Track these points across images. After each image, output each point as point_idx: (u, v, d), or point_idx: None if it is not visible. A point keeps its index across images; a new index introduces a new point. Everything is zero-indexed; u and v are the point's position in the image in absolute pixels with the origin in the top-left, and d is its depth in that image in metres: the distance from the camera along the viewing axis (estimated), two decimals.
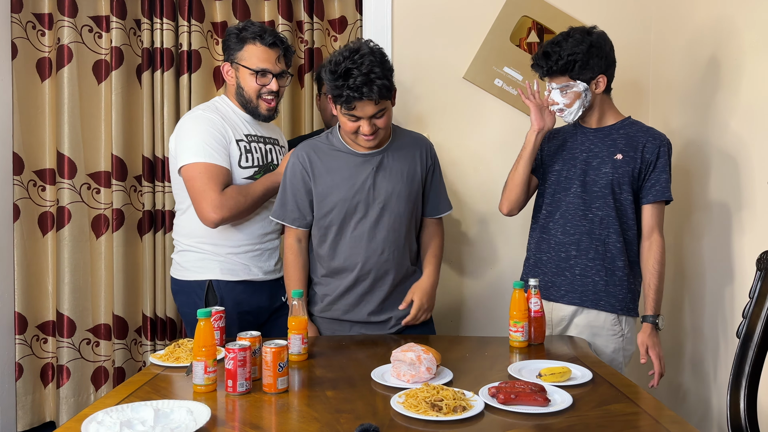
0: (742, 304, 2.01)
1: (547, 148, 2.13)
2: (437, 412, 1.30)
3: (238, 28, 2.07)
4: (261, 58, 2.04)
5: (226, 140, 2.02)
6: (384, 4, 2.66)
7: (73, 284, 2.69)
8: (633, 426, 1.30)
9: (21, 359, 2.69)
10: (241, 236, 2.09)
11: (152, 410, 1.28)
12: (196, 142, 1.99)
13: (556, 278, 2.05)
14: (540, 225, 2.11)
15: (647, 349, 1.95)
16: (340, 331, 2.04)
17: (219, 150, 2.00)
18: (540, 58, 1.98)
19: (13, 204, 2.66)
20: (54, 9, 2.68)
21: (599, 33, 1.98)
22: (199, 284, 2.07)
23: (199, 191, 1.97)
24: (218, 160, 1.99)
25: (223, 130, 2.02)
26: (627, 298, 2.00)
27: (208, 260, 2.07)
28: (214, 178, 1.97)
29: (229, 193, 1.98)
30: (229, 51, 2.08)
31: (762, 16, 1.93)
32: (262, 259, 2.14)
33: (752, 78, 1.98)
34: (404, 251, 2.01)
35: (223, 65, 2.11)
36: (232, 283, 2.07)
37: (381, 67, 1.79)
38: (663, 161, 1.97)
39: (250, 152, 2.08)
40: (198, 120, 2.03)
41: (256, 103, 2.08)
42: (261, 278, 2.13)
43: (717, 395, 2.16)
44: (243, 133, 2.09)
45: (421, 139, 2.09)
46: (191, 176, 1.98)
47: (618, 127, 2.03)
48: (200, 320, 1.48)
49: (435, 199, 2.08)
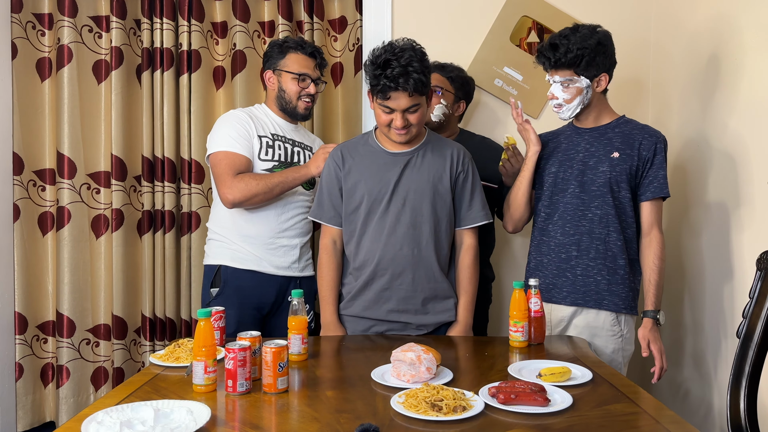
0: (741, 302, 2.01)
1: (543, 152, 2.12)
2: (437, 412, 1.30)
3: (280, 41, 2.32)
4: (302, 65, 2.27)
5: (249, 133, 2.22)
6: (384, 4, 2.66)
7: (72, 284, 2.68)
8: (633, 426, 1.30)
9: (21, 359, 2.69)
10: (257, 228, 2.22)
11: (152, 410, 1.28)
12: (220, 135, 2.21)
13: (557, 279, 2.05)
14: (539, 228, 2.12)
15: (648, 344, 1.95)
16: (362, 328, 2.05)
17: (240, 141, 2.19)
18: (547, 50, 1.97)
19: (14, 204, 2.66)
20: (54, 9, 2.68)
21: (605, 32, 1.99)
22: (212, 269, 2.27)
23: (217, 175, 2.19)
24: (238, 149, 2.18)
25: (246, 125, 2.22)
26: (629, 296, 2.00)
27: (223, 247, 2.25)
28: (232, 164, 2.16)
29: (242, 177, 2.15)
30: (272, 60, 2.29)
31: (762, 15, 1.93)
32: (277, 254, 2.24)
33: (752, 77, 1.98)
34: (427, 253, 1.99)
35: (265, 73, 2.31)
36: (239, 270, 2.22)
37: (420, 63, 1.87)
38: (660, 158, 1.98)
39: (271, 148, 2.25)
40: (226, 117, 2.27)
41: (295, 104, 2.28)
42: (270, 272, 2.23)
43: (718, 393, 2.16)
44: (269, 132, 2.27)
45: (455, 146, 2.08)
46: (214, 163, 2.21)
47: (613, 125, 2.04)
48: (200, 320, 1.48)
49: (464, 208, 2.05)
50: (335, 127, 2.77)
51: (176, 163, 2.70)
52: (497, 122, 2.68)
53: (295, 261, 2.28)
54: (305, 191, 2.31)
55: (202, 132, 2.65)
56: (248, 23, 2.71)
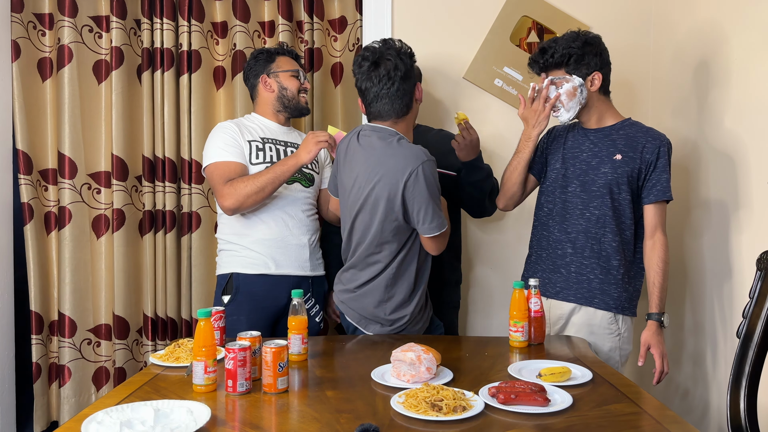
0: (740, 302, 2.02)
1: (551, 147, 2.15)
2: (437, 412, 1.30)
3: (262, 50, 2.38)
4: (292, 64, 2.37)
5: (238, 140, 2.24)
6: (384, 4, 2.66)
7: (73, 284, 2.69)
8: (633, 426, 1.30)
9: (39, 359, 2.68)
10: (266, 229, 2.23)
11: (152, 410, 1.28)
12: (210, 148, 2.26)
13: (552, 275, 2.07)
14: (541, 222, 2.14)
15: (648, 348, 1.95)
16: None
17: (228, 148, 2.22)
18: (537, 54, 2.05)
19: (27, 204, 2.64)
20: (54, 9, 2.68)
21: (594, 34, 2.03)
22: (224, 277, 2.28)
23: (213, 188, 2.23)
24: (227, 156, 2.21)
25: (233, 133, 2.25)
26: (622, 297, 2.01)
27: (234, 255, 2.26)
28: (223, 173, 2.19)
29: (231, 182, 2.16)
30: (261, 68, 2.34)
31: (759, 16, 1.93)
32: (288, 253, 2.25)
33: (750, 78, 1.98)
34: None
35: (259, 80, 2.33)
36: (250, 276, 2.23)
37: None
38: (663, 161, 1.98)
39: (261, 151, 2.26)
40: (214, 131, 2.31)
41: (298, 99, 2.34)
42: (282, 273, 2.24)
43: (717, 393, 2.16)
44: (259, 136, 2.29)
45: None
46: (208, 177, 2.25)
47: (618, 127, 2.04)
48: (200, 320, 1.48)
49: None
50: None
51: (177, 163, 2.70)
52: (497, 122, 2.67)
53: (306, 260, 2.28)
54: (305, 188, 2.31)
55: (202, 132, 2.65)
56: (248, 23, 2.71)
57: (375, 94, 1.95)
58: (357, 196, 1.95)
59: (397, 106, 1.95)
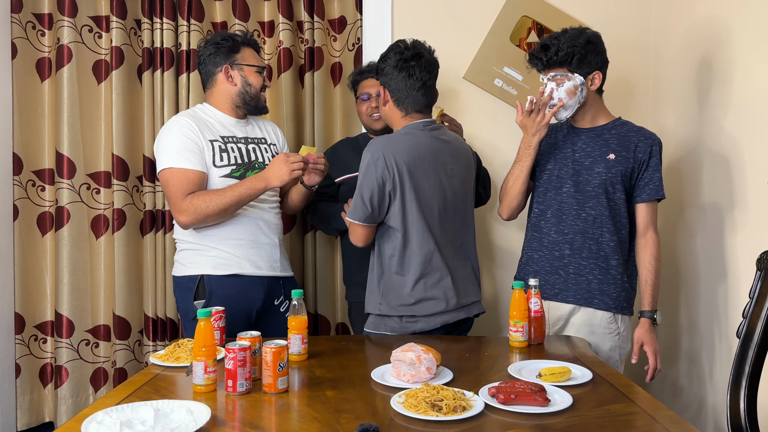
0: (736, 301, 2.02)
1: (541, 146, 2.12)
2: (437, 412, 1.30)
3: (224, 37, 2.17)
4: (257, 59, 2.22)
5: (199, 142, 2.08)
6: (384, 4, 2.66)
7: (72, 285, 2.68)
8: (633, 426, 1.30)
9: (19, 359, 2.69)
10: (231, 230, 2.11)
11: (152, 410, 1.28)
12: (167, 148, 2.07)
13: (550, 277, 2.06)
14: (532, 224, 2.13)
15: (642, 346, 1.96)
16: None
17: (187, 154, 2.05)
18: (539, 51, 2.01)
19: (13, 204, 2.66)
20: (54, 9, 2.67)
21: (595, 32, 2.02)
22: (192, 279, 2.11)
23: (168, 196, 2.08)
24: (186, 164, 2.05)
25: (193, 134, 2.08)
26: (621, 296, 2.01)
27: (201, 254, 2.12)
28: (181, 184, 2.04)
29: (191, 197, 2.02)
30: (223, 56, 2.15)
31: (757, 17, 1.94)
32: (260, 253, 2.15)
33: (746, 79, 1.99)
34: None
35: (224, 69, 2.16)
36: (222, 277, 2.10)
37: None
38: (655, 160, 1.99)
39: (225, 152, 2.12)
40: (171, 126, 2.12)
41: (259, 97, 2.20)
42: (255, 273, 2.14)
43: (712, 392, 2.17)
44: (219, 135, 2.14)
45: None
46: (164, 182, 2.09)
47: (610, 127, 2.04)
48: (200, 320, 1.48)
49: None
50: (334, 126, 2.77)
51: None
52: (497, 122, 2.67)
53: (277, 260, 2.20)
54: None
55: None
56: (248, 23, 2.71)
57: (432, 85, 2.03)
58: (458, 189, 2.05)
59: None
